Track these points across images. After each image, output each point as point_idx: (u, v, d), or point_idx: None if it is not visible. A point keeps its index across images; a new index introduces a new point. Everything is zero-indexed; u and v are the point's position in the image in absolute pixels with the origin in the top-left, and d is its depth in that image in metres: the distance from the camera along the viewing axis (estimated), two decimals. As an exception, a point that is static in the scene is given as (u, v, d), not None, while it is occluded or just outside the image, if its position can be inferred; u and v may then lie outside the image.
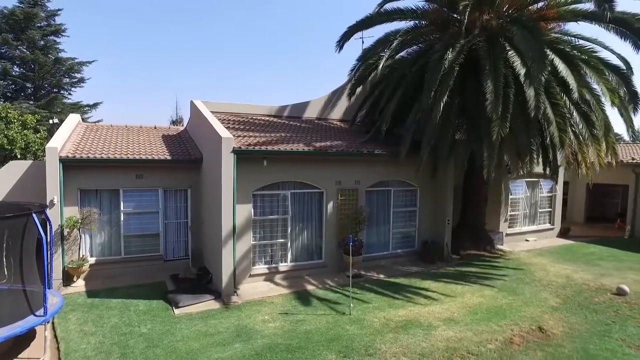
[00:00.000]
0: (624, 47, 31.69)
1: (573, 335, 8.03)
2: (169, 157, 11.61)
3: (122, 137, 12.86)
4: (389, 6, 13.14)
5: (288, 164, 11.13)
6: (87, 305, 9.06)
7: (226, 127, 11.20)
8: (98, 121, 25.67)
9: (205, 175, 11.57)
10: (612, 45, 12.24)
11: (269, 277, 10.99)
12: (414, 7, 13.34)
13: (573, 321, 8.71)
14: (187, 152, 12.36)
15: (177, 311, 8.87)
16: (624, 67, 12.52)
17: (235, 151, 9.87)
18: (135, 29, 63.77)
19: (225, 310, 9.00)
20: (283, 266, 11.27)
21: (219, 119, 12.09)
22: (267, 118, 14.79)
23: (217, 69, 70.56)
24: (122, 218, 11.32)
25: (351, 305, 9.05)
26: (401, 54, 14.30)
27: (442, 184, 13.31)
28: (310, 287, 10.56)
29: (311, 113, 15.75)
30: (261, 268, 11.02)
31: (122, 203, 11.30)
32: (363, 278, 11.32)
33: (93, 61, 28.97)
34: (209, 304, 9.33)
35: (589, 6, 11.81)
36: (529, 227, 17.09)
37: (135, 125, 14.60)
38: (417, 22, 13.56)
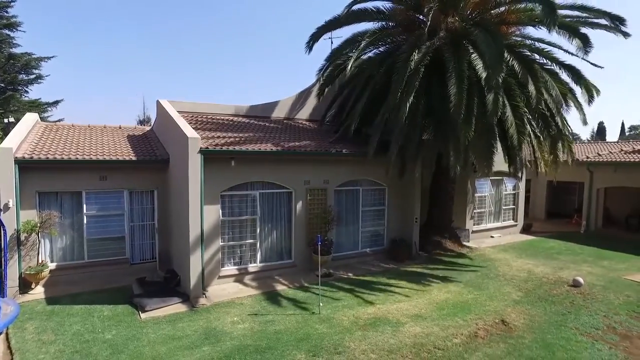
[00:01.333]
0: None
1: (533, 327, 8.36)
2: (134, 158, 11.31)
3: (84, 137, 12.41)
4: (357, 7, 13.25)
5: (256, 164, 11.06)
6: (47, 313, 8.69)
7: (193, 127, 11.02)
8: (59, 120, 24.60)
9: (173, 176, 11.35)
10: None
11: (239, 278, 10.90)
12: (381, 9, 13.54)
13: (533, 313, 9.07)
14: (153, 152, 12.07)
15: (143, 315, 8.66)
16: (578, 70, 13.10)
17: (203, 151, 9.73)
18: (102, 23, 61.74)
19: (193, 313, 8.86)
20: (252, 267, 11.19)
21: (186, 119, 11.87)
22: (235, 118, 14.63)
23: (189, 68, 69.26)
24: (85, 221, 10.93)
25: (320, 304, 9.09)
26: (369, 54, 14.48)
27: (410, 183, 13.54)
28: (280, 287, 10.54)
29: (280, 113, 15.71)
30: (230, 269, 10.91)
31: (84, 206, 10.92)
32: (333, 277, 11.40)
33: (52, 57, 27.59)
34: (176, 307, 9.15)
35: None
36: (493, 224, 17.67)
37: (99, 125, 14.12)
38: (384, 23, 13.76)
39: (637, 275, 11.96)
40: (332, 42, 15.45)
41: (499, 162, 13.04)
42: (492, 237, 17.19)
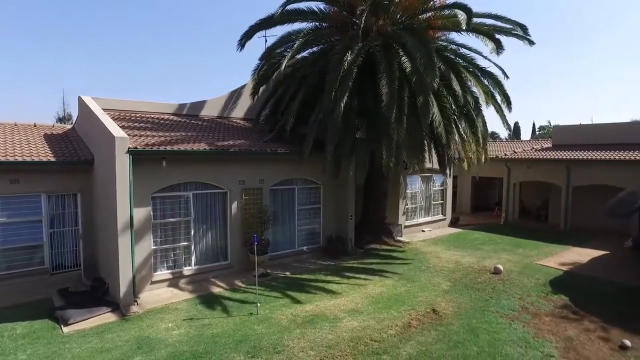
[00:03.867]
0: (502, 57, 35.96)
1: (460, 314, 8.94)
2: (52, 159, 10.42)
3: (-10, 137, 11.22)
4: (291, 7, 13.25)
5: (189, 164, 10.71)
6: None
7: (121, 126, 10.42)
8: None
9: (98, 177, 10.63)
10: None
11: (173, 282, 10.49)
12: (315, 9, 13.68)
13: (460, 301, 9.70)
14: (75, 152, 11.22)
15: (66, 329, 8.03)
16: (497, 74, 14.25)
17: (131, 152, 9.23)
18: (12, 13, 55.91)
19: (124, 322, 8.38)
20: (187, 270, 10.83)
21: (112, 117, 11.19)
22: (167, 116, 14.05)
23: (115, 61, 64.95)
24: (-6, 229, 9.90)
25: (258, 304, 9.03)
26: (303, 54, 14.55)
27: (345, 181, 13.82)
28: (216, 290, 10.31)
29: (213, 111, 15.33)
30: (164, 274, 10.47)
31: (-7, 212, 9.89)
32: (270, 276, 11.36)
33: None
34: (105, 317, 8.60)
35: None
36: (424, 219, 18.61)
37: (9, 122, 12.84)
38: (318, 23, 13.90)
39: (545, 260, 13.27)
40: (266, 41, 15.40)
41: (428, 159, 13.76)
42: (423, 231, 18.10)
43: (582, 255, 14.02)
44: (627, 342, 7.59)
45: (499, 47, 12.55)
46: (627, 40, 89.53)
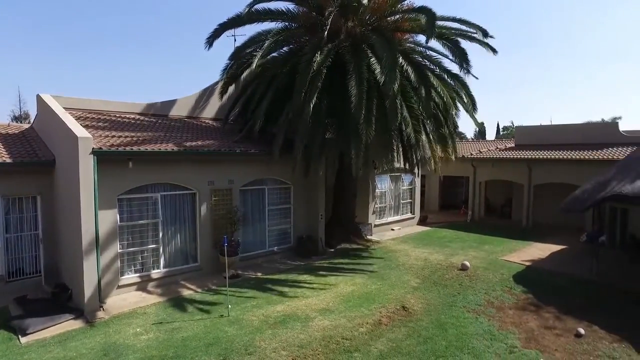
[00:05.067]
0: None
1: (429, 310, 9.15)
2: (8, 160, 9.93)
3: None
4: (260, 6, 13.16)
5: (157, 165, 10.46)
6: None
7: (85, 126, 10.09)
8: None
9: (60, 179, 10.23)
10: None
11: (141, 286, 10.23)
12: (284, 9, 13.64)
13: (429, 297, 9.92)
14: (34, 153, 10.75)
15: (24, 339, 7.65)
16: (463, 76, 14.64)
17: (96, 152, 8.93)
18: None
19: (89, 329, 8.09)
20: (156, 273, 10.59)
21: (75, 117, 10.82)
22: (133, 116, 13.69)
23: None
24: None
25: (229, 306, 8.93)
26: (273, 54, 14.42)
27: (315, 181, 13.88)
28: (186, 292, 10.14)
29: (181, 111, 15.04)
30: (131, 277, 10.19)
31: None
32: (241, 278, 11.27)
33: None
34: (68, 325, 8.27)
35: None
36: (394, 218, 18.92)
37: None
38: (288, 23, 13.86)
39: (509, 256, 13.79)
40: (235, 40, 15.28)
41: (397, 159, 14.01)
42: (392, 229, 18.40)
43: (543, 250, 14.65)
44: (581, 330, 8.07)
45: (463, 60, 12.74)
46: (580, 45, 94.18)
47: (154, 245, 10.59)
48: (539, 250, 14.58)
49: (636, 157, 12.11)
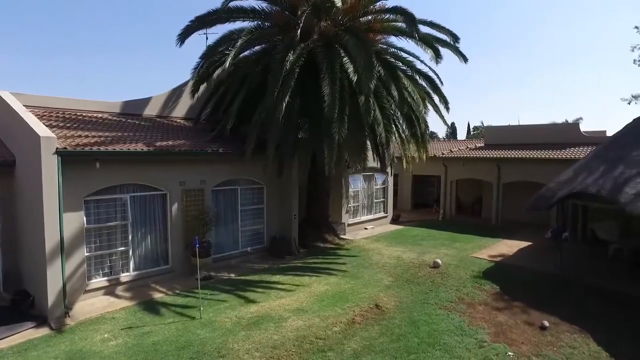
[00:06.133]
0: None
1: (402, 307, 9.28)
2: (-37, 161, 9.44)
3: None
4: (233, 4, 13.03)
5: (126, 166, 10.18)
6: None
7: (48, 125, 9.72)
8: None
9: (21, 180, 9.79)
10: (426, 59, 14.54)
11: (110, 290, 9.94)
12: (257, 8, 13.52)
13: (402, 295, 10.06)
14: (-8, 153, 10.25)
15: (-21, 351, 7.28)
16: (434, 77, 14.96)
17: (60, 152, 8.60)
18: None
19: (53, 337, 7.78)
20: (125, 276, 10.31)
21: (37, 115, 10.38)
22: (101, 115, 13.26)
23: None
24: None
25: (201, 308, 8.81)
26: (245, 53, 14.34)
27: (288, 181, 13.84)
28: (157, 295, 9.92)
29: (151, 110, 14.70)
30: (99, 281, 9.88)
31: None
32: (214, 279, 11.12)
33: None
34: (30, 333, 7.91)
35: (404, 25, 13.69)
36: (367, 217, 19.09)
37: None
38: (260, 22, 13.76)
39: (479, 253, 14.15)
40: (207, 38, 15.09)
41: (370, 158, 14.14)
42: (366, 228, 18.56)
43: (511, 246, 15.11)
44: (546, 323, 8.40)
45: (437, 56, 13.15)
46: (540, 48, 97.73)
47: (123, 248, 10.31)
48: (508, 247, 15.03)
49: (595, 156, 12.65)
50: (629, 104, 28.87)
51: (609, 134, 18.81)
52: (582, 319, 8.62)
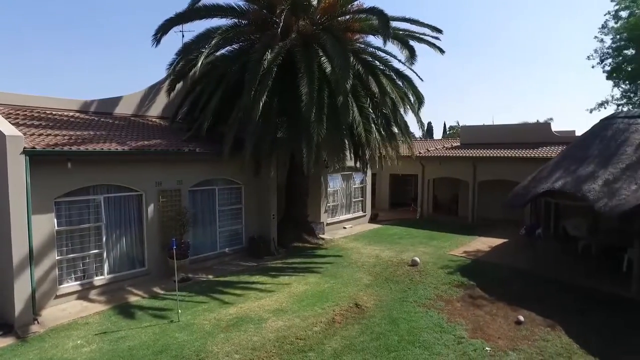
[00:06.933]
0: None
1: (382, 306, 9.33)
2: None
3: None
4: (209, 2, 12.87)
5: (99, 166, 9.89)
6: None
7: (15, 124, 9.36)
8: None
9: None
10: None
11: (83, 294, 9.62)
12: (234, 6, 13.35)
13: (381, 294, 10.12)
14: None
15: (-62, 363, 6.90)
16: (411, 76, 15.11)
17: (28, 152, 8.27)
18: None
19: (20, 345, 7.44)
20: (99, 280, 10.01)
21: (3, 114, 9.99)
22: (73, 114, 12.86)
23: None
24: None
25: (179, 311, 8.63)
26: (223, 51, 14.18)
27: (266, 181, 13.74)
28: (133, 299, 9.67)
29: (126, 109, 14.33)
30: (71, 286, 9.55)
31: None
32: (192, 281, 10.94)
33: None
34: (-6, 343, 7.55)
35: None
36: (345, 216, 19.16)
37: None
38: (238, 20, 13.61)
39: (456, 250, 14.40)
40: (183, 36, 14.86)
41: (348, 158, 14.18)
42: (344, 228, 18.62)
43: (487, 244, 15.43)
44: (521, 318, 8.63)
45: (412, 56, 13.25)
46: (512, 49, 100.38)
47: (96, 251, 10.01)
48: (483, 244, 15.34)
49: (565, 155, 13.06)
50: (591, 112, 30.06)
51: (578, 133, 19.44)
52: (554, 314, 8.87)
